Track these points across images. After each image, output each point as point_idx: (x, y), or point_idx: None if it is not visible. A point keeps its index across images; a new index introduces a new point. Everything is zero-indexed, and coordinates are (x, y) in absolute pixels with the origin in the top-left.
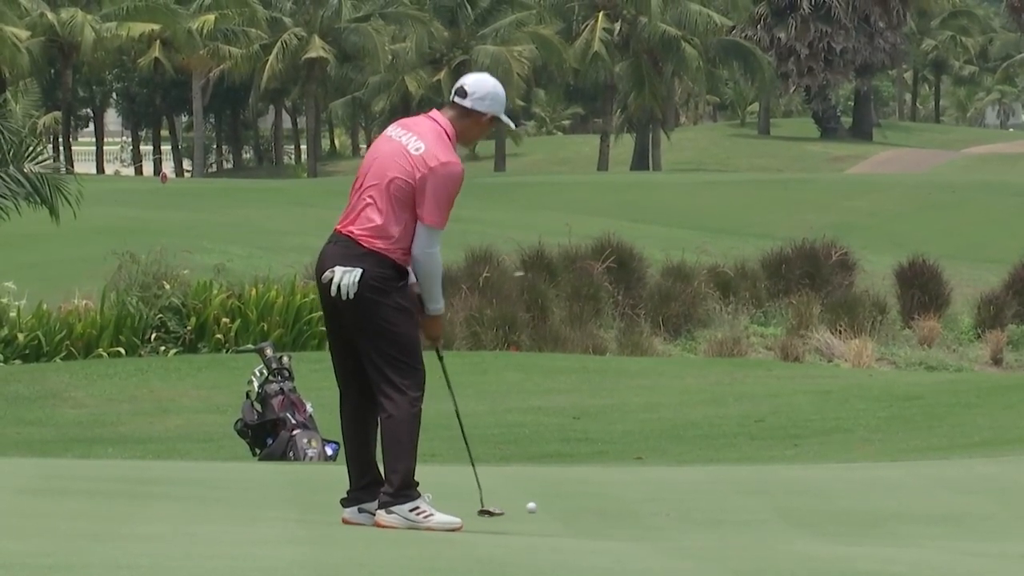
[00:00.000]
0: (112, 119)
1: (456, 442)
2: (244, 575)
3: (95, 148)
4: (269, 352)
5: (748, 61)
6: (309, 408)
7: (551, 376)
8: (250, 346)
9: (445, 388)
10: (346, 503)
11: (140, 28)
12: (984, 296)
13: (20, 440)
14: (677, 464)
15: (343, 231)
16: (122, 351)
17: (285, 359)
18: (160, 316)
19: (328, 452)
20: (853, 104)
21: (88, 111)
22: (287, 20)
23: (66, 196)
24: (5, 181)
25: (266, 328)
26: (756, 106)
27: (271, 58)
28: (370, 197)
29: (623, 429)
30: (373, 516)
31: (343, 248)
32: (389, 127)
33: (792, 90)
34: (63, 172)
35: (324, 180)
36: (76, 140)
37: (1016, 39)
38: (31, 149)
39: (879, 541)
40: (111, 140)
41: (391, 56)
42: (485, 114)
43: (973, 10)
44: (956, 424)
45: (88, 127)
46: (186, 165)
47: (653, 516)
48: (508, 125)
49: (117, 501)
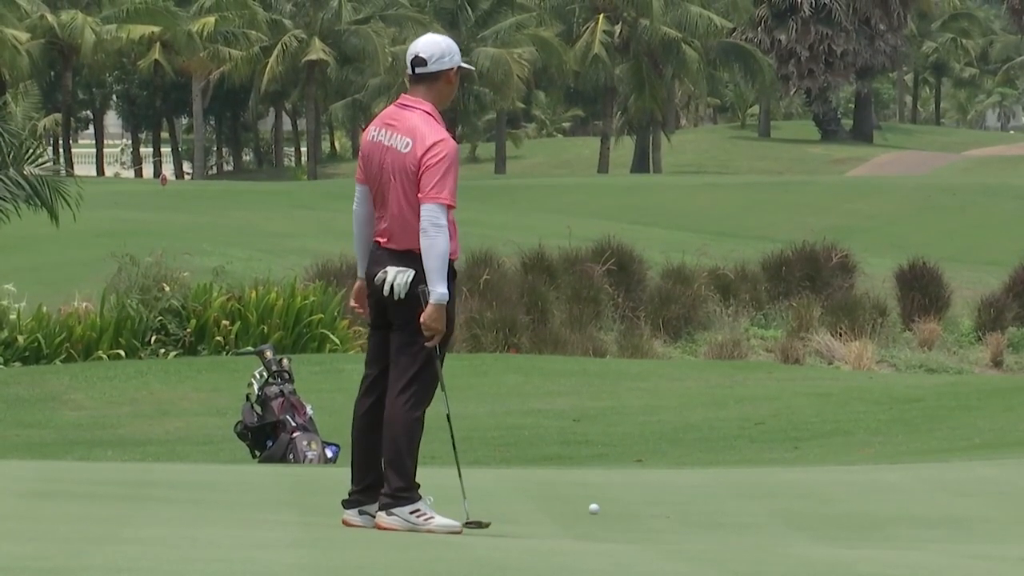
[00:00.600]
0: (112, 121)
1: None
2: None
3: (95, 150)
4: (269, 354)
5: (748, 63)
6: (309, 410)
7: (551, 378)
8: (250, 348)
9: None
10: (347, 504)
11: (140, 30)
12: (984, 299)
13: (20, 442)
14: (677, 467)
15: (384, 245)
16: (122, 353)
17: (285, 361)
18: (160, 318)
19: (328, 454)
20: (853, 106)
21: (88, 113)
22: (287, 22)
23: (66, 198)
24: (5, 183)
25: (266, 330)
26: (756, 108)
27: (271, 60)
28: (395, 207)
29: (623, 432)
30: (374, 518)
31: (389, 254)
32: (372, 127)
33: (792, 92)
34: (63, 174)
35: (324, 182)
36: (76, 142)
37: (1017, 41)
38: (31, 151)
39: (879, 544)
40: (111, 142)
41: (391, 58)
42: (451, 68)
43: (974, 12)
44: (956, 427)
45: (88, 129)
46: (186, 167)
47: (653, 518)
48: (469, 69)
49: (117, 504)
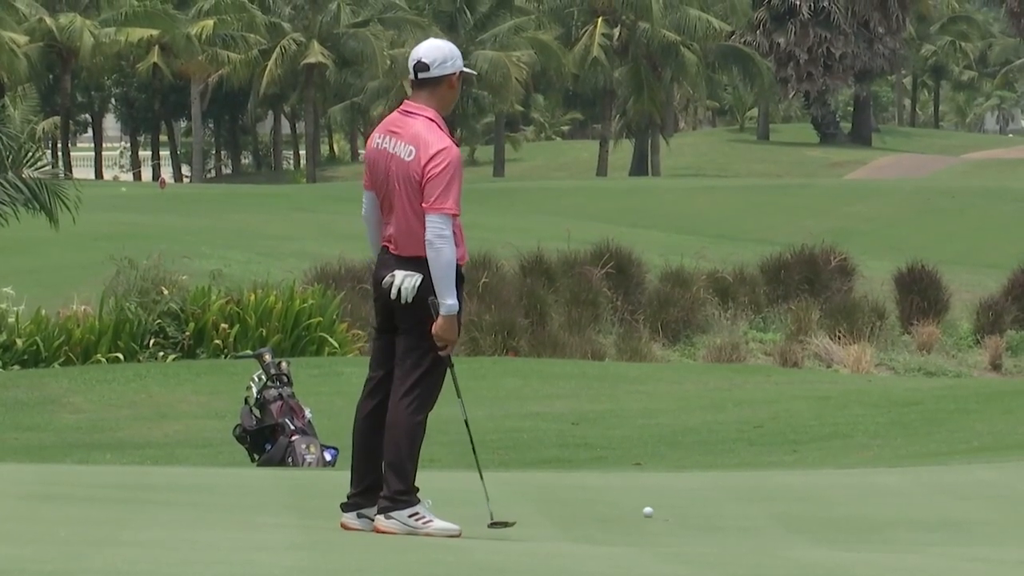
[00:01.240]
0: (111, 124)
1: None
2: None
3: (94, 154)
4: (268, 358)
5: (747, 66)
6: (308, 414)
7: (550, 382)
8: (249, 352)
9: (450, 394)
10: (346, 508)
11: (139, 33)
12: (983, 302)
13: (19, 446)
14: (676, 470)
15: (392, 251)
16: (121, 357)
17: (284, 365)
18: (159, 322)
19: (327, 458)
20: (852, 109)
21: (87, 116)
22: (286, 25)
23: (65, 202)
24: (4, 187)
25: (265, 334)
26: (755, 111)
27: (270, 63)
28: (400, 214)
29: (622, 435)
30: (372, 522)
31: (396, 259)
32: (377, 134)
33: (791, 95)
34: (62, 178)
35: (323, 185)
36: (75, 146)
37: (1015, 44)
38: (30, 155)
39: (878, 547)
40: (110, 146)
41: (390, 61)
42: (453, 73)
43: (972, 15)
44: (955, 430)
45: (87, 132)
46: (185, 170)
47: (651, 522)
48: (472, 74)
49: (116, 507)
